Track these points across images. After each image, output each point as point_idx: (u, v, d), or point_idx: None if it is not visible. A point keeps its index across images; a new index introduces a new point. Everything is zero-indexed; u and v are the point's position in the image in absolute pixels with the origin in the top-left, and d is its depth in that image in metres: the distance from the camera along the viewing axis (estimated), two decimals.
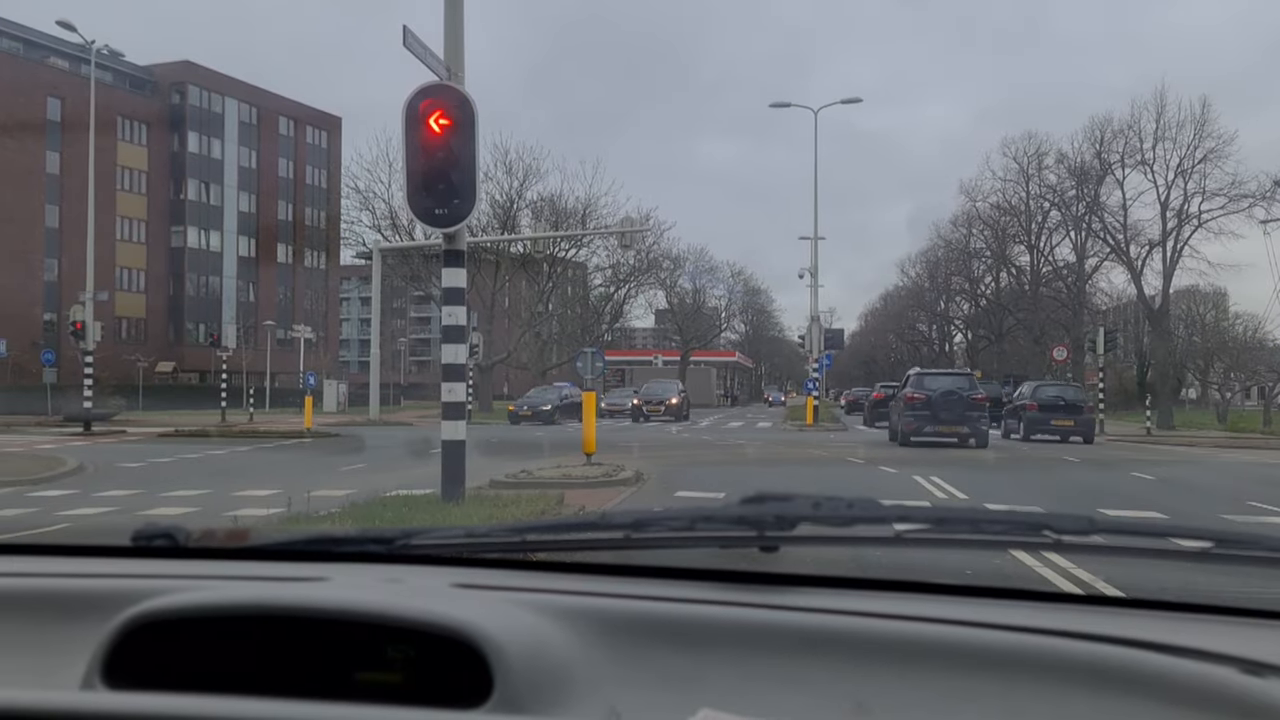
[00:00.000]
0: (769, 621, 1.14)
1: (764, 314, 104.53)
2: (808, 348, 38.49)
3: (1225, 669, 1.00)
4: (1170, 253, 39.98)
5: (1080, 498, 12.87)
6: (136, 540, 1.48)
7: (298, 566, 1.39)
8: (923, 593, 1.24)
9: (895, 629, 1.11)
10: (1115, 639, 1.06)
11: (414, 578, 1.32)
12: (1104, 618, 1.15)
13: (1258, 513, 11.53)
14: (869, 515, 1.27)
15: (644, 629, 1.13)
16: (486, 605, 1.14)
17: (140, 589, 1.23)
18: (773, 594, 1.20)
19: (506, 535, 1.40)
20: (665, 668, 1.09)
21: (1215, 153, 39.12)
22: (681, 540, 1.30)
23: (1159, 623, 1.14)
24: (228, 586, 1.25)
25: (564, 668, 1.06)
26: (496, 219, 50.61)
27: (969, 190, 56.08)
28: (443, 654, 1.07)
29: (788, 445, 25.06)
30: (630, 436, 27.05)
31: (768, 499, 1.29)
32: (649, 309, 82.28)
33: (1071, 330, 46.05)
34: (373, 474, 15.01)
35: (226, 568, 1.40)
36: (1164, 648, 1.04)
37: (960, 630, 1.10)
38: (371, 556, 1.43)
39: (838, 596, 1.21)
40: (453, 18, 9.28)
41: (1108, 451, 23.95)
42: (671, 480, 14.08)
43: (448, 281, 9.04)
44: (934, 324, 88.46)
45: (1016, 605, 1.20)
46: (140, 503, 12.05)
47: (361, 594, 1.19)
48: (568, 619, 1.14)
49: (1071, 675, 1.03)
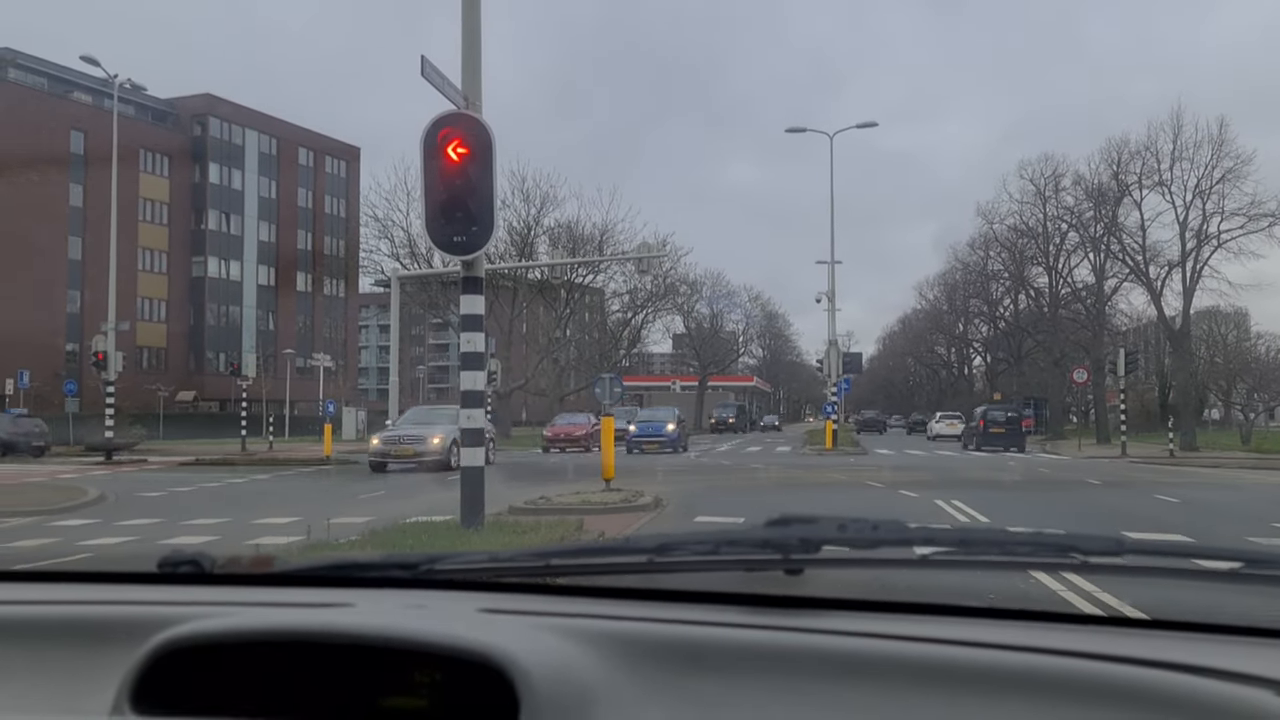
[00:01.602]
0: (794, 645, 1.13)
1: (782, 338, 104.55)
2: (826, 372, 38.40)
3: (1259, 691, 0.98)
4: (1190, 273, 39.68)
5: (1104, 521, 12.74)
6: (163, 567, 1.48)
7: (323, 592, 1.39)
8: (948, 615, 1.23)
9: (920, 651, 1.10)
10: (1144, 661, 1.04)
11: (439, 603, 1.32)
12: (1131, 639, 1.14)
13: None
14: (894, 537, 1.26)
15: (669, 653, 1.13)
16: (511, 630, 1.14)
17: (167, 615, 1.24)
18: (797, 617, 1.19)
19: (530, 560, 1.40)
20: (690, 691, 1.08)
21: (1234, 172, 38.93)
22: (706, 564, 1.30)
23: (1188, 644, 1.11)
24: (254, 613, 1.26)
25: (589, 691, 1.06)
26: (514, 246, 50.82)
27: (985, 213, 55.89)
28: (468, 679, 1.07)
29: (806, 469, 24.97)
30: (648, 462, 27.00)
31: (792, 521, 1.29)
32: (666, 334, 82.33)
33: (1092, 352, 45.75)
34: (392, 501, 15.06)
35: (252, 594, 1.41)
36: (1194, 669, 1.02)
37: (986, 653, 1.09)
38: (396, 582, 1.43)
39: (862, 619, 1.20)
40: (470, 47, 9.37)
41: (1131, 473, 23.75)
42: (691, 505, 14.02)
43: (466, 309, 9.09)
44: (952, 347, 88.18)
45: (1042, 627, 1.19)
46: (161, 532, 12.10)
47: (387, 619, 1.19)
48: (592, 643, 1.13)
49: (1100, 697, 1.01)
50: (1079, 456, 33.37)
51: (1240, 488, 19.63)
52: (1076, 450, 36.31)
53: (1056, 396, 59.31)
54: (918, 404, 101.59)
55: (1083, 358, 48.94)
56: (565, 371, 57.83)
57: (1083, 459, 32.06)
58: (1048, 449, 40.45)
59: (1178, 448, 32.39)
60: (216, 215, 70.60)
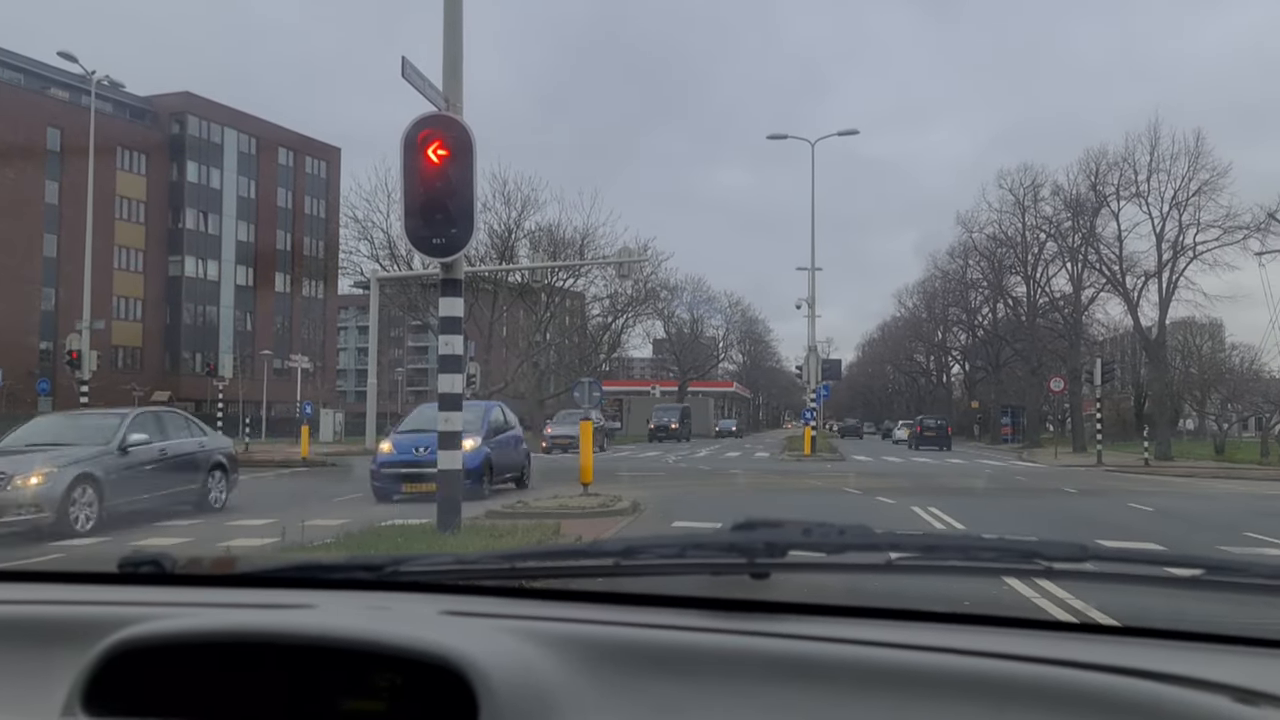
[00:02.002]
0: (759, 649, 1.12)
1: (762, 343, 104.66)
2: (805, 378, 38.50)
3: (1219, 697, 0.99)
4: (1166, 284, 39.95)
5: (1078, 528, 12.82)
6: (123, 567, 1.46)
7: (285, 594, 1.37)
8: (914, 620, 1.22)
9: (886, 657, 1.10)
10: (1108, 667, 1.04)
11: (402, 605, 1.31)
12: (1096, 646, 1.14)
13: (1254, 544, 11.47)
14: (861, 542, 1.26)
15: (633, 657, 1.12)
16: (473, 632, 1.13)
17: (125, 616, 1.22)
18: (763, 622, 1.19)
19: (496, 562, 1.40)
20: (653, 696, 1.07)
21: (1210, 185, 39.19)
22: (672, 567, 1.29)
23: (1152, 651, 1.12)
24: (213, 613, 1.24)
25: (551, 695, 1.05)
26: (495, 249, 50.70)
27: (965, 221, 56.25)
28: (428, 681, 1.06)
29: (784, 475, 25.00)
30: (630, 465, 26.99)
31: (758, 525, 1.29)
32: (647, 339, 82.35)
33: (1068, 361, 46.06)
34: (368, 504, 14.93)
35: (213, 595, 1.39)
36: (1157, 675, 1.03)
37: (952, 659, 1.08)
38: (360, 584, 1.42)
39: (829, 624, 1.20)
40: (452, 47, 9.34)
41: (1106, 482, 23.91)
42: (669, 510, 14.00)
43: (445, 311, 9.05)
44: (931, 355, 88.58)
45: (1009, 633, 1.19)
46: (131, 534, 11.97)
47: (347, 621, 1.18)
48: (556, 647, 1.12)
49: (1064, 704, 1.01)
50: (1055, 465, 33.60)
51: (1213, 497, 19.79)
52: (1053, 458, 36.59)
53: (1033, 405, 59.68)
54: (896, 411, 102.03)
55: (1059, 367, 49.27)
56: (545, 375, 57.68)
57: (1059, 467, 32.26)
58: (1024, 456, 40.72)
59: (1153, 457, 32.68)
60: (194, 214, 70.07)
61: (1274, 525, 13.29)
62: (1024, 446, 51.30)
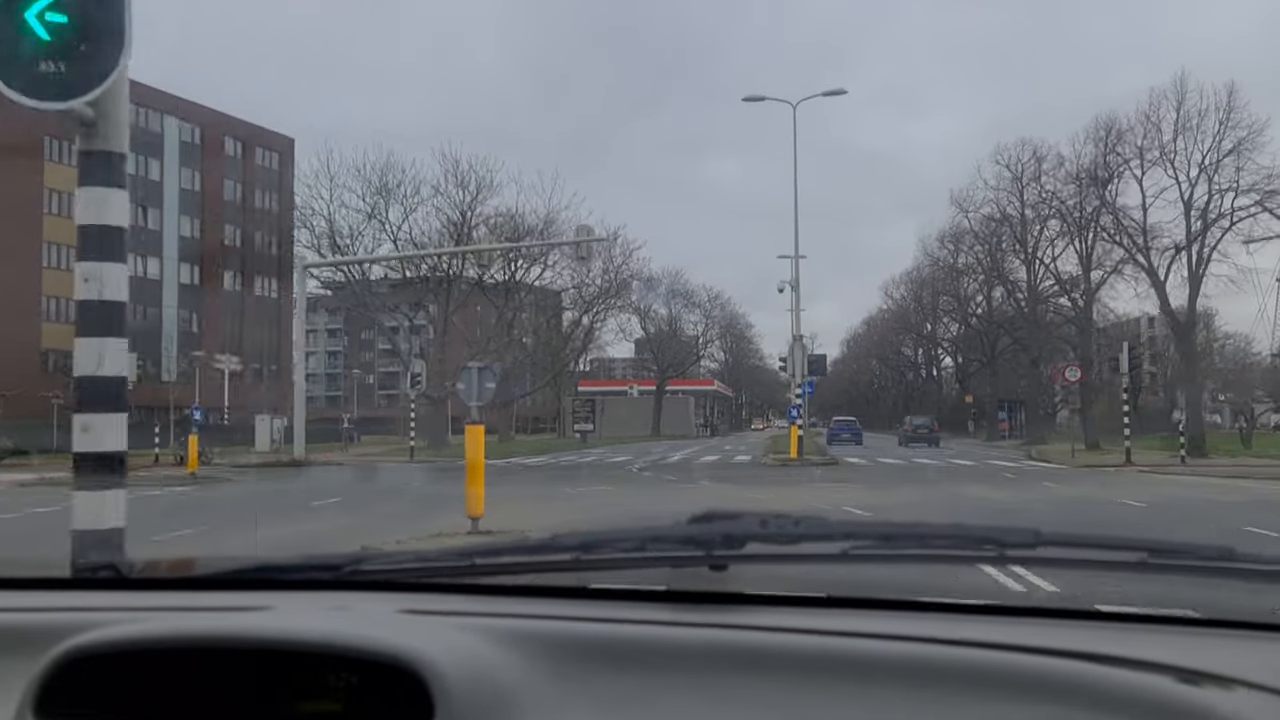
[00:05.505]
0: (718, 641, 1.14)
1: (743, 340, 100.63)
2: (790, 371, 34.00)
3: (1162, 678, 1.02)
4: (1195, 259, 35.34)
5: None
6: (79, 572, 1.53)
7: (243, 596, 1.37)
8: (870, 609, 1.25)
9: (842, 645, 1.12)
10: (1054, 651, 1.07)
11: (360, 604, 1.31)
12: (1043, 629, 1.17)
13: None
14: (816, 533, 1.28)
15: (592, 651, 1.14)
16: (430, 631, 1.15)
17: (79, 622, 1.22)
18: (721, 613, 1.21)
19: (455, 559, 1.40)
20: (613, 690, 1.09)
21: (1247, 143, 34.30)
22: (631, 561, 1.31)
23: (1097, 633, 1.16)
24: (168, 618, 1.25)
25: (509, 692, 1.07)
26: (450, 236, 46.54)
27: (959, 201, 51.36)
28: (384, 682, 1.07)
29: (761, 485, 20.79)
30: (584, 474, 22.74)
31: (716, 518, 1.30)
32: (623, 336, 78.03)
33: (1079, 349, 41.67)
34: (200, 539, 11.46)
35: (170, 599, 1.40)
36: (1102, 658, 1.06)
37: (905, 646, 1.11)
38: (319, 584, 1.43)
39: (786, 614, 1.22)
40: None
41: (1163, 489, 19.66)
42: None
43: (87, 211, 4.65)
44: (920, 347, 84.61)
45: (962, 619, 1.22)
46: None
47: (303, 622, 1.19)
48: (514, 643, 1.14)
49: (1011, 688, 1.04)
50: (1077, 466, 29.38)
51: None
52: (1070, 457, 32.20)
53: (1033, 398, 55.71)
54: (883, 408, 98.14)
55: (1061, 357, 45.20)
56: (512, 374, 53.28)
57: (1083, 468, 28.12)
58: (1034, 455, 36.46)
59: (1187, 453, 28.46)
60: (132, 207, 65.06)
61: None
62: (1028, 443, 47.18)
